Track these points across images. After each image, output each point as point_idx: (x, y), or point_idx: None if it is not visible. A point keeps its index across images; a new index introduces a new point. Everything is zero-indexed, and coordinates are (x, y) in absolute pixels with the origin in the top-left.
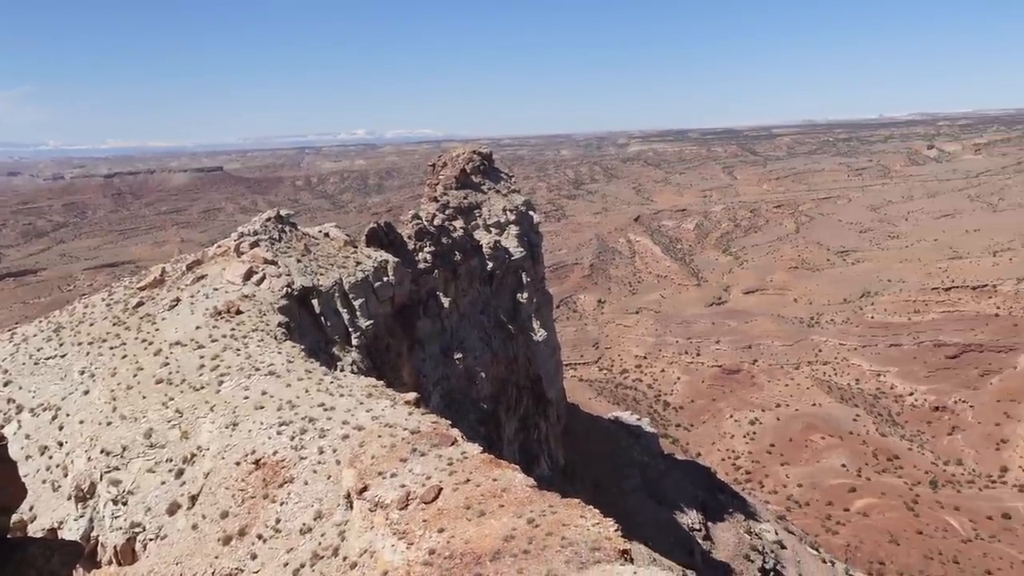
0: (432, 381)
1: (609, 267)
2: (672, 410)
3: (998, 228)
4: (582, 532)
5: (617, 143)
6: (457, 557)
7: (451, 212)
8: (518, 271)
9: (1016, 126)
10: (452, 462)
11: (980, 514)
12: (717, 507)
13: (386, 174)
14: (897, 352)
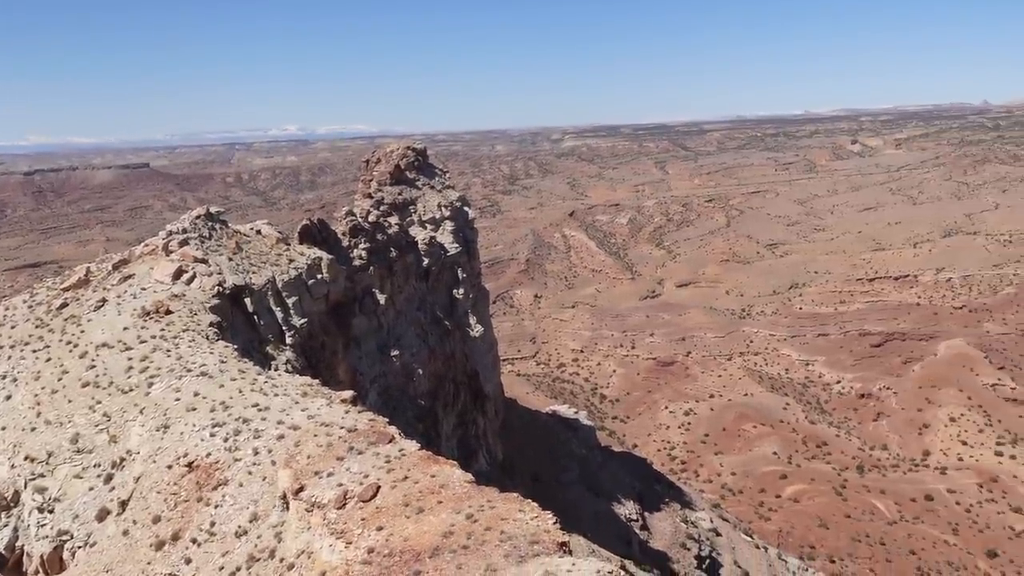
0: (369, 379)
1: (545, 262)
2: (609, 403)
3: (918, 220)
4: (521, 526)
5: (551, 139)
6: (396, 555)
7: (386, 208)
8: (454, 267)
9: (934, 122)
10: (390, 460)
11: (904, 496)
12: (654, 497)
13: (319, 170)
14: (824, 342)
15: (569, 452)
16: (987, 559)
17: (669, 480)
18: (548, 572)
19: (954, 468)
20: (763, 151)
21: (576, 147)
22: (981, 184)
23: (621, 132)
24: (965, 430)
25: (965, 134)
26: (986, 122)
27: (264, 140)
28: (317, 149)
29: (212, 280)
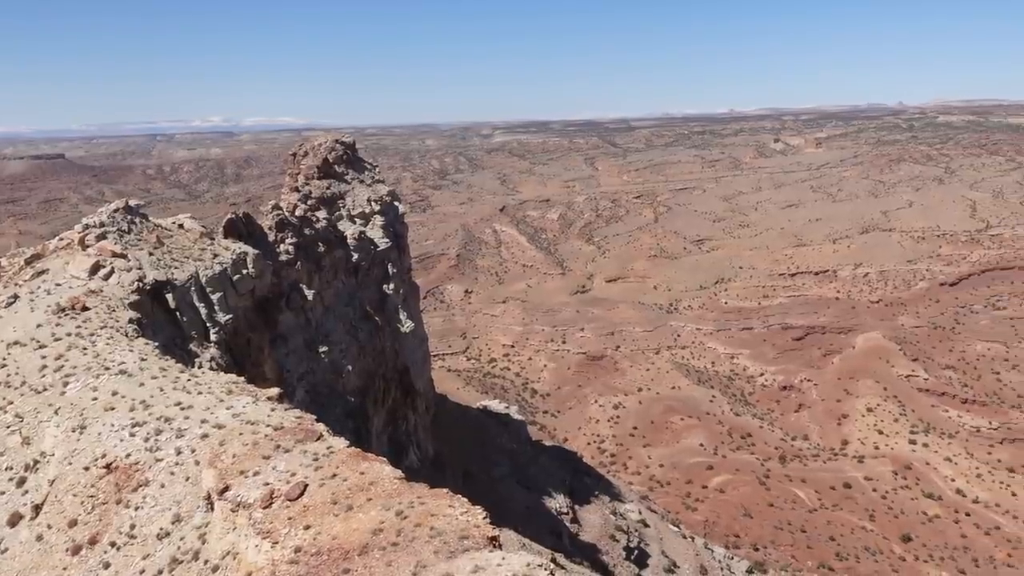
0: (296, 376)
1: (476, 257)
2: (539, 397)
3: (837, 217)
4: (451, 521)
5: (482, 133)
6: (324, 554)
7: (314, 202)
8: (384, 262)
9: (852, 121)
10: (318, 457)
11: (824, 485)
12: (584, 490)
13: (244, 163)
14: (749, 335)
15: (500, 447)
16: (902, 543)
17: (599, 473)
18: (478, 567)
19: (871, 456)
20: (690, 149)
21: (507, 142)
22: (896, 182)
23: (552, 128)
24: (881, 420)
25: (882, 134)
26: (901, 123)
27: (186, 131)
28: (242, 141)
29: (132, 275)
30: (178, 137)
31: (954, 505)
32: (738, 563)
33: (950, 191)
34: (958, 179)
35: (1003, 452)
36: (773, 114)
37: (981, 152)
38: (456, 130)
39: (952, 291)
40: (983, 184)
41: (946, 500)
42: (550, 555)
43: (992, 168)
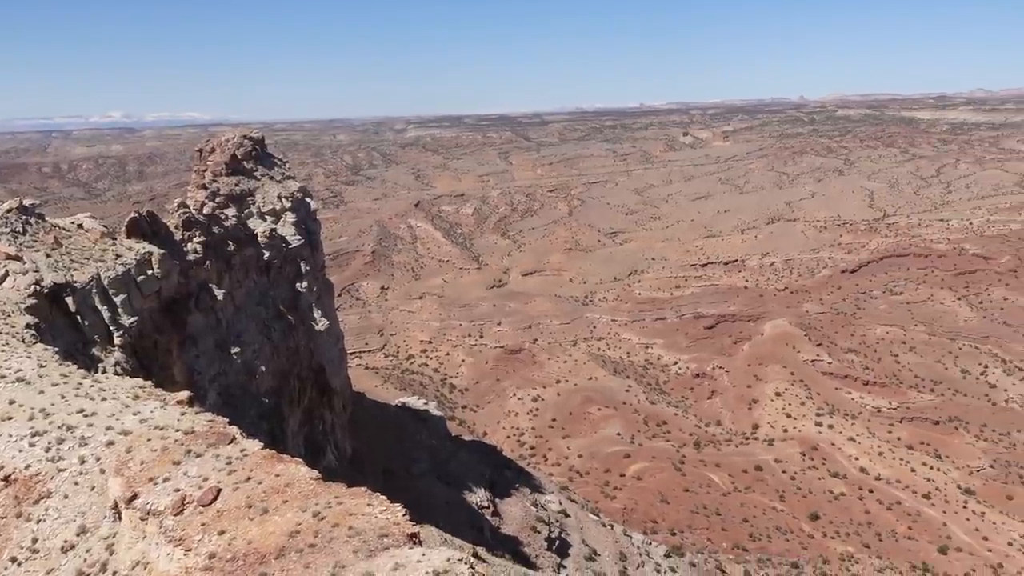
0: (207, 378)
1: (391, 253)
2: (458, 392)
3: (744, 208)
4: (370, 520)
5: (395, 128)
6: (240, 559)
7: (222, 200)
8: (296, 260)
9: (758, 115)
10: (231, 461)
11: (737, 468)
12: (504, 483)
13: (148, 160)
14: (662, 325)
15: (419, 443)
16: (810, 522)
17: (519, 466)
18: (398, 564)
19: (780, 439)
20: (602, 142)
21: (420, 137)
22: (799, 174)
23: (465, 122)
24: (789, 403)
25: (785, 127)
26: (803, 116)
27: (84, 127)
28: (145, 137)
29: (28, 279)
30: (75, 133)
31: (858, 483)
32: (656, 548)
33: (849, 182)
34: (856, 170)
35: (902, 431)
36: (682, 108)
37: (877, 144)
38: (369, 125)
39: (853, 278)
40: (880, 175)
41: (851, 478)
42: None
43: (888, 159)
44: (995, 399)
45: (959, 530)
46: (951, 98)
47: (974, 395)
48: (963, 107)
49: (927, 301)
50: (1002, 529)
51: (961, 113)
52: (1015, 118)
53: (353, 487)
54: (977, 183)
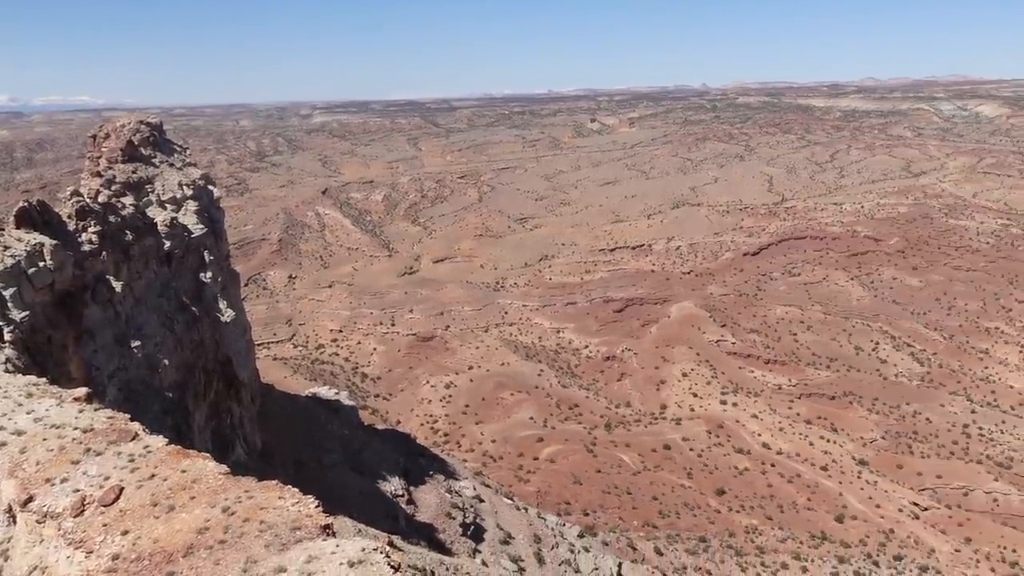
0: (106, 374)
1: (299, 241)
2: (370, 381)
3: (650, 194)
4: (281, 513)
5: (300, 114)
6: (145, 559)
7: (118, 188)
8: (199, 249)
9: (662, 102)
10: (134, 458)
11: (646, 448)
12: (418, 471)
13: (37, 146)
14: (573, 310)
15: (331, 434)
16: (717, 497)
17: (433, 453)
18: (312, 557)
19: (687, 418)
20: (511, 128)
21: (327, 123)
22: (702, 160)
23: (372, 108)
24: (695, 383)
25: (688, 114)
26: (705, 104)
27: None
28: (34, 122)
29: None
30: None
31: (761, 458)
32: (570, 529)
33: (750, 167)
34: (756, 156)
35: (801, 406)
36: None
37: (775, 131)
38: (273, 110)
39: (754, 260)
40: (778, 160)
41: (754, 454)
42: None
43: (785, 146)
44: (885, 374)
45: (854, 499)
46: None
47: (866, 370)
48: (854, 95)
49: (823, 282)
50: (893, 496)
51: (853, 101)
52: (902, 106)
53: (264, 480)
54: (868, 168)
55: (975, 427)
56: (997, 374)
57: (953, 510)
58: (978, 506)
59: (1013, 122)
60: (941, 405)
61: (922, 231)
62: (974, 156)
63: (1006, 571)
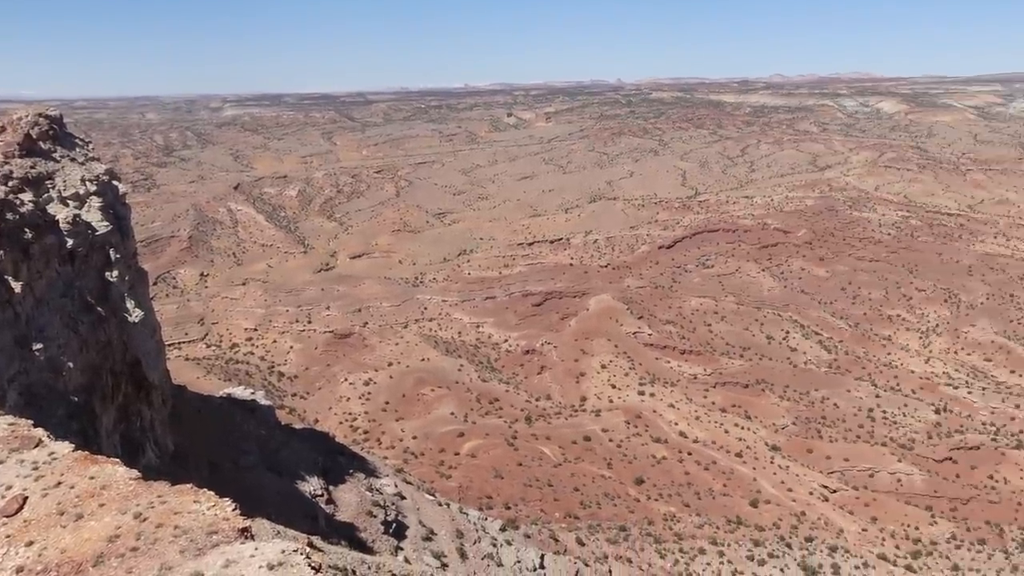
0: (6, 378)
1: (210, 238)
2: (287, 380)
3: (568, 188)
4: (197, 517)
5: (210, 107)
6: (52, 570)
7: (16, 184)
8: (104, 247)
9: (578, 97)
10: (38, 466)
11: (567, 440)
12: (338, 470)
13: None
14: (492, 304)
15: (247, 434)
16: (636, 486)
17: (353, 451)
18: (229, 561)
19: (606, 409)
20: (428, 123)
21: (238, 116)
22: (618, 154)
23: (285, 101)
24: (614, 375)
25: (604, 109)
26: (620, 99)
27: None
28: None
29: None
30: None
31: (678, 446)
32: (492, 523)
33: (664, 162)
34: (670, 151)
35: (716, 395)
36: (506, 89)
37: (688, 126)
38: (180, 103)
39: (669, 253)
40: (691, 155)
41: (671, 443)
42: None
43: (698, 140)
44: (795, 361)
45: (767, 484)
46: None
47: (777, 359)
48: (763, 91)
49: (735, 273)
50: (804, 480)
51: (761, 97)
52: (808, 102)
53: (177, 484)
54: (776, 162)
55: (879, 411)
56: (899, 359)
57: (860, 491)
58: (883, 487)
59: (911, 118)
60: (848, 391)
61: (828, 223)
62: (876, 151)
63: (909, 547)
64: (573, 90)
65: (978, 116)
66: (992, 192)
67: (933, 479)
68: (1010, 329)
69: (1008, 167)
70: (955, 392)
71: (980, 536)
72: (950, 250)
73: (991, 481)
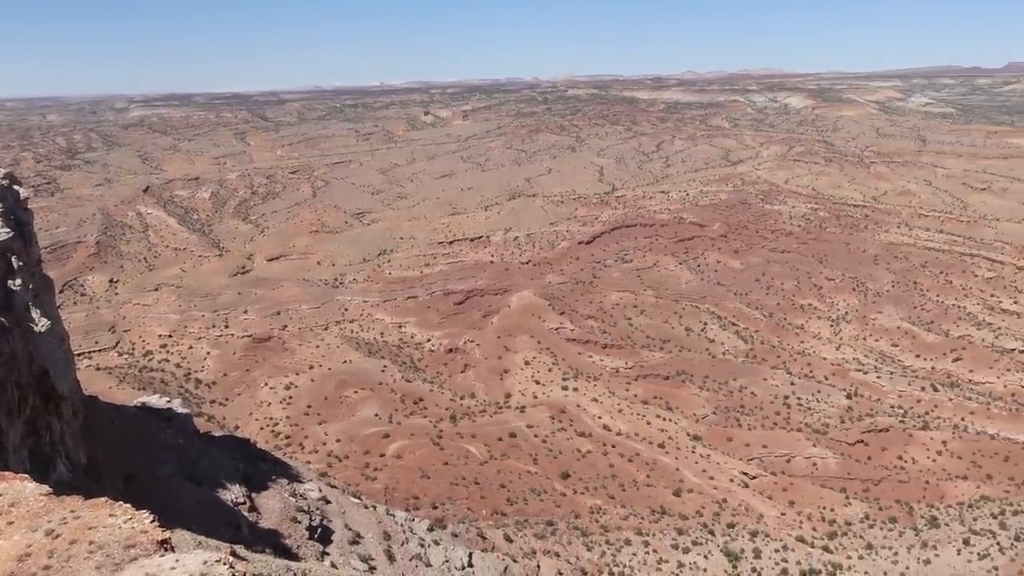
0: None
1: (119, 243)
2: (205, 387)
3: (486, 185)
4: (113, 531)
5: (115, 107)
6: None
7: None
8: (6, 255)
9: (495, 95)
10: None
11: (492, 437)
12: (260, 477)
13: None
14: (414, 303)
15: (164, 444)
16: (562, 480)
17: (275, 457)
18: (149, 574)
19: (531, 405)
20: (343, 122)
21: (146, 117)
22: (536, 151)
23: (195, 101)
24: (537, 371)
25: (521, 106)
26: (537, 96)
27: None
28: None
29: None
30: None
31: (602, 439)
32: (419, 523)
33: (581, 158)
34: (587, 147)
35: (638, 388)
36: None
37: (604, 122)
38: (84, 104)
39: (588, 248)
40: (607, 151)
41: (595, 436)
42: (229, 548)
43: (613, 137)
44: (714, 352)
45: (690, 473)
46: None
47: (696, 350)
48: (676, 88)
49: (653, 267)
50: (724, 468)
51: (675, 93)
52: (719, 98)
53: (91, 499)
54: (691, 157)
55: (794, 398)
56: (812, 347)
57: (778, 476)
58: (799, 471)
59: (817, 113)
60: (764, 379)
61: (741, 216)
62: (785, 145)
63: (825, 528)
64: (490, 88)
65: (880, 110)
66: (894, 184)
67: (846, 462)
68: (914, 315)
69: (909, 159)
70: (865, 377)
71: (891, 515)
72: (857, 240)
73: (900, 461)
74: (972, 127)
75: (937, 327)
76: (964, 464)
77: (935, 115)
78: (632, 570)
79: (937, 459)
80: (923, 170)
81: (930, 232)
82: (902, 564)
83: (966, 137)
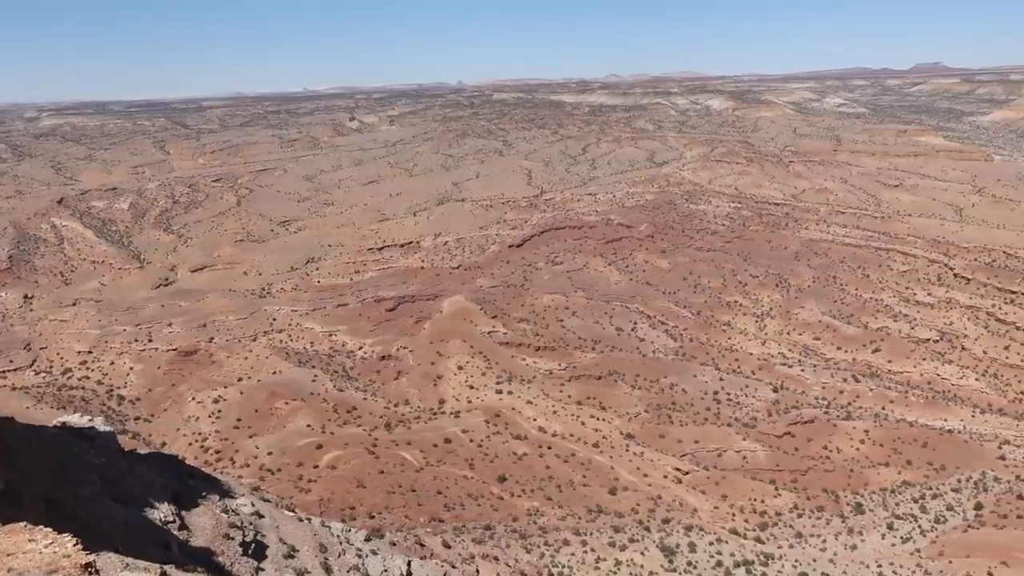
0: None
1: (33, 257)
2: (128, 403)
3: (415, 191)
4: (33, 557)
5: (25, 117)
6: None
7: None
8: None
9: (420, 100)
10: None
11: (428, 444)
12: (190, 493)
13: None
14: (344, 311)
15: (87, 464)
16: (499, 484)
17: (205, 472)
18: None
19: (465, 410)
20: (267, 128)
21: (58, 126)
22: (463, 156)
23: (111, 109)
24: (471, 375)
25: (447, 111)
26: (463, 100)
27: None
28: None
29: None
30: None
31: (538, 442)
32: (356, 534)
33: (509, 162)
34: (515, 151)
35: (572, 388)
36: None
37: (531, 126)
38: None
39: (519, 252)
40: (535, 154)
41: (531, 438)
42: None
43: (541, 140)
44: (644, 351)
45: (624, 471)
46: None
47: (628, 349)
48: (600, 91)
49: (583, 269)
50: (658, 465)
51: (599, 97)
52: (642, 101)
53: (9, 524)
54: (616, 160)
55: (724, 393)
56: (739, 343)
57: (710, 471)
58: (731, 465)
59: (738, 114)
60: (694, 376)
61: (667, 216)
62: (707, 146)
63: (757, 520)
64: (415, 92)
65: (796, 111)
66: (812, 182)
67: (775, 454)
68: (834, 309)
69: (825, 158)
70: (790, 370)
71: (819, 504)
72: (778, 238)
73: (825, 451)
74: (884, 127)
75: (856, 320)
76: (886, 451)
77: (849, 115)
78: (571, 570)
79: (860, 447)
80: (839, 168)
81: (847, 228)
82: (830, 551)
83: (878, 136)
